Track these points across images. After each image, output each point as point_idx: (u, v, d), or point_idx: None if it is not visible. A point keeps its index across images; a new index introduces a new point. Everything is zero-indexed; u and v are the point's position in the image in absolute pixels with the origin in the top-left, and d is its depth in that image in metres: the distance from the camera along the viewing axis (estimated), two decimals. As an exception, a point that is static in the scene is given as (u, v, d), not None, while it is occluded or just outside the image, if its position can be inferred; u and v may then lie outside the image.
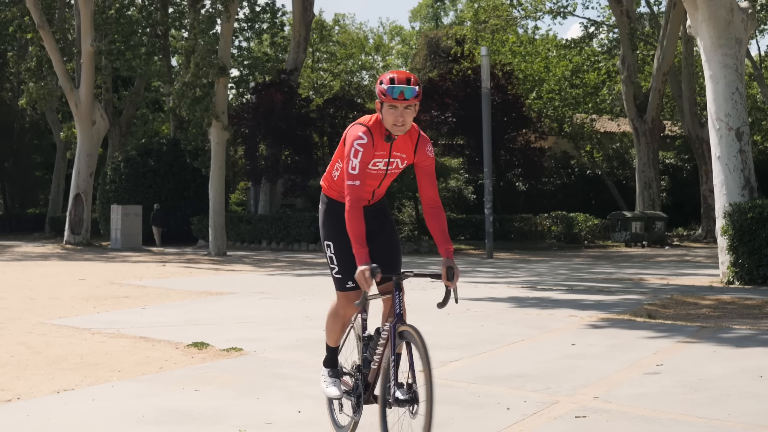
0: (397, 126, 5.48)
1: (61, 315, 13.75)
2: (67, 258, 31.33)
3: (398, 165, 5.76)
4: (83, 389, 8.07)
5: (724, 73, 19.63)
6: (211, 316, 13.56)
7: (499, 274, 22.71)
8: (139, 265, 27.24)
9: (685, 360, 9.33)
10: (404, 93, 5.37)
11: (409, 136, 5.68)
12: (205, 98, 33.15)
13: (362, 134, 5.54)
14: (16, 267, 26.36)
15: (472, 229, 40.38)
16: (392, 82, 5.41)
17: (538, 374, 8.58)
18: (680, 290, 17.42)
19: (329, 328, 6.13)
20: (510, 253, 33.73)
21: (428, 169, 5.76)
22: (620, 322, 12.38)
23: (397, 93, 5.38)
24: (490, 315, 13.32)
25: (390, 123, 5.48)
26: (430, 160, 5.75)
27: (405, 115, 5.45)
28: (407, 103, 5.42)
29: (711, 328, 11.78)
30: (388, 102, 5.42)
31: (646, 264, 26.77)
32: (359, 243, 5.41)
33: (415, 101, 5.44)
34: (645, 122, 41.53)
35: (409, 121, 5.51)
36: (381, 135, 5.58)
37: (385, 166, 5.71)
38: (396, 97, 5.38)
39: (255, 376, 8.60)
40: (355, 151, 5.50)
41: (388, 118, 5.47)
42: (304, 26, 40.11)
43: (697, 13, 19.81)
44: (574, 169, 52.94)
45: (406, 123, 5.49)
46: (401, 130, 5.52)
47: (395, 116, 5.44)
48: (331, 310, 6.08)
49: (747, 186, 19.31)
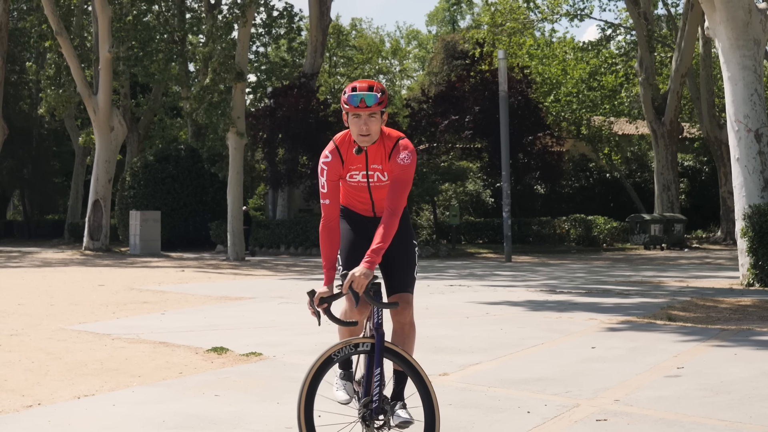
0: (362, 136, 5.43)
1: (80, 321, 13.79)
2: (87, 264, 31.43)
3: (380, 177, 5.67)
4: (103, 395, 8.09)
5: (742, 74, 19.57)
6: (230, 321, 13.58)
7: (518, 278, 22.69)
8: (158, 270, 27.30)
9: (706, 363, 9.29)
10: (365, 100, 5.31)
11: (383, 145, 5.59)
12: (222, 103, 33.22)
13: (328, 153, 5.58)
14: (36, 273, 26.44)
15: (491, 233, 40.34)
16: (354, 90, 5.37)
17: (558, 377, 8.56)
18: (700, 293, 17.36)
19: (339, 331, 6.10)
20: (528, 257, 33.68)
21: (396, 177, 5.57)
22: (640, 325, 12.35)
23: (358, 101, 5.33)
24: (510, 318, 13.31)
25: (355, 133, 5.44)
26: (399, 168, 5.55)
27: (369, 124, 5.40)
28: (369, 111, 5.35)
29: (731, 330, 11.73)
30: (351, 111, 5.38)
31: (666, 266, 26.69)
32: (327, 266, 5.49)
33: (377, 108, 5.36)
34: (663, 124, 41.43)
35: (375, 129, 5.44)
36: (350, 148, 5.56)
37: (363, 178, 5.66)
38: (357, 105, 5.33)
39: (275, 381, 8.60)
40: (321, 169, 5.56)
41: (353, 128, 5.44)
42: (321, 31, 40.16)
43: (715, 15, 19.76)
44: (592, 172, 52.82)
45: (372, 132, 5.43)
46: (367, 140, 5.47)
47: (359, 125, 5.40)
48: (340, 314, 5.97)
49: (767, 188, 19.23)
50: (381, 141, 5.56)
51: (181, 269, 27.75)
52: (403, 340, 5.72)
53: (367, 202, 5.85)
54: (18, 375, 9.14)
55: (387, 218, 5.49)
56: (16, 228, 62.60)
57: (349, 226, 5.90)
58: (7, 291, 19.74)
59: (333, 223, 5.54)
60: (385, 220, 5.49)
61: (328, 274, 5.44)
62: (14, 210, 70.81)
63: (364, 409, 5.38)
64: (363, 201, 5.85)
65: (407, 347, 5.74)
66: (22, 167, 60.30)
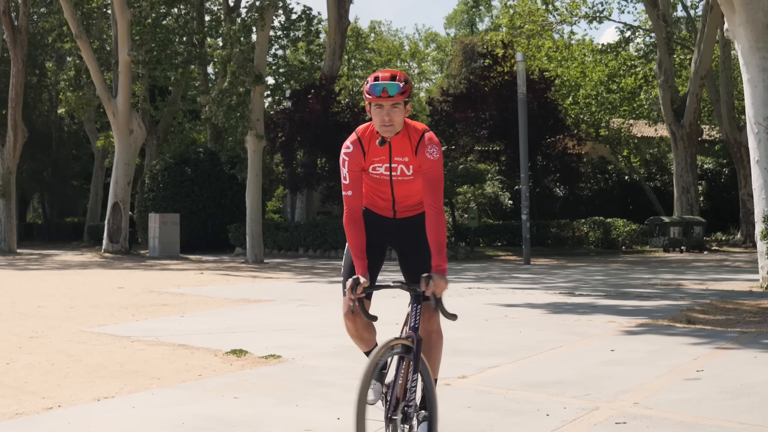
0: (385, 126, 5.33)
1: (100, 323, 13.84)
2: (106, 266, 31.54)
3: (404, 171, 5.58)
4: (123, 397, 8.12)
5: (762, 76, 19.50)
6: (249, 324, 13.61)
7: (537, 280, 22.67)
8: (177, 272, 27.38)
9: (726, 366, 9.27)
10: (387, 90, 5.21)
11: (409, 137, 5.49)
12: (240, 106, 33.29)
13: (350, 143, 5.51)
14: (56, 275, 26.56)
15: (509, 235, 40.28)
16: (376, 80, 5.27)
17: (577, 380, 8.56)
18: (719, 295, 17.32)
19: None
20: (547, 259, 33.65)
21: (429, 172, 5.47)
22: (659, 328, 12.32)
23: (380, 90, 5.23)
24: (528, 321, 13.30)
25: (378, 124, 5.35)
26: (430, 163, 5.46)
27: (392, 114, 5.29)
28: (392, 101, 5.25)
29: (751, 333, 11.70)
30: (374, 101, 5.27)
31: (685, 269, 26.62)
32: (357, 255, 5.37)
33: (400, 98, 5.25)
34: (682, 126, 41.34)
35: (398, 120, 5.33)
36: (373, 140, 5.47)
37: (386, 171, 5.57)
38: (379, 94, 5.23)
39: (294, 383, 8.62)
40: (343, 160, 5.51)
41: (376, 118, 5.34)
42: (339, 34, 40.21)
43: (735, 17, 19.71)
44: (611, 175, 52.74)
45: (395, 122, 5.32)
46: (390, 131, 5.36)
47: (382, 116, 5.30)
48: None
49: (787, 190, 19.17)
50: (405, 133, 5.47)
51: (200, 272, 27.83)
52: (430, 348, 5.62)
53: (389, 199, 5.77)
54: (38, 377, 9.19)
55: (434, 219, 5.45)
56: (36, 230, 62.91)
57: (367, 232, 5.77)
58: (27, 293, 19.84)
59: (356, 214, 5.48)
60: (434, 222, 5.44)
61: (361, 264, 5.36)
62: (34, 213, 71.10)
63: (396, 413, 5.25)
64: (384, 197, 5.78)
65: (434, 354, 5.68)
66: (41, 170, 60.61)
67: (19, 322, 14.18)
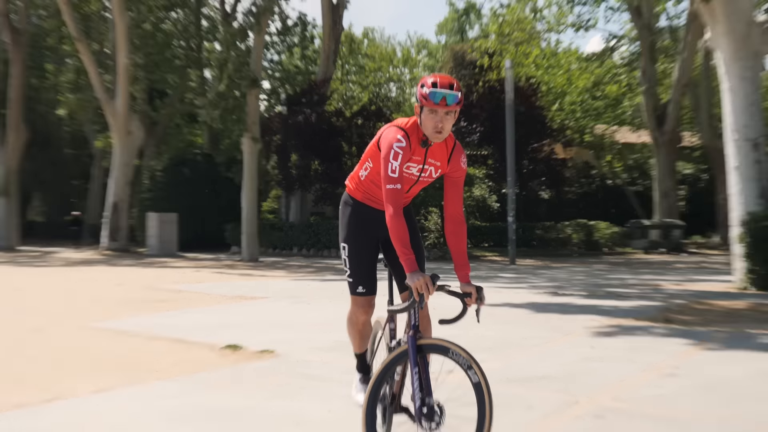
0: (436, 132, 5.15)
1: (100, 318, 13.85)
2: (106, 264, 31.50)
3: (432, 173, 5.47)
4: (122, 389, 8.15)
5: (742, 85, 19.62)
6: (244, 320, 13.63)
7: (522, 280, 22.72)
8: (175, 270, 27.38)
9: (701, 363, 9.34)
10: (446, 99, 5.04)
11: (445, 143, 5.38)
12: (236, 109, 33.29)
13: (401, 137, 5.20)
14: (57, 272, 26.54)
15: (496, 237, 40.32)
16: (434, 86, 5.06)
17: (558, 376, 8.62)
18: (697, 296, 17.39)
19: (349, 334, 6.03)
20: (532, 260, 33.70)
21: (458, 181, 5.44)
22: (638, 327, 12.39)
23: (439, 98, 5.04)
24: (513, 319, 13.36)
25: (430, 129, 5.16)
26: (462, 171, 5.44)
27: (445, 122, 5.12)
28: (448, 109, 5.09)
29: (726, 332, 11.78)
30: (429, 106, 5.08)
31: (664, 270, 26.70)
32: (407, 248, 5.07)
33: (456, 107, 5.10)
34: (664, 133, 41.46)
35: (448, 128, 5.18)
36: (418, 139, 5.28)
37: (418, 172, 5.42)
38: (438, 102, 5.04)
39: (287, 377, 8.66)
40: (395, 153, 5.16)
41: (428, 123, 5.14)
42: (333, 40, 40.22)
43: (717, 27, 19.82)
44: (594, 179, 52.88)
45: (446, 129, 5.16)
46: (440, 137, 5.19)
47: (435, 122, 5.12)
48: (348, 317, 5.95)
49: (763, 195, 19.28)
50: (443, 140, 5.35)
51: (198, 269, 27.83)
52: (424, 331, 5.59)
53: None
54: (40, 370, 9.22)
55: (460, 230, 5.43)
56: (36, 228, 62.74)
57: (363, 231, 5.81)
58: (30, 290, 19.84)
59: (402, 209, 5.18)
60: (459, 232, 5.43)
61: (412, 257, 5.10)
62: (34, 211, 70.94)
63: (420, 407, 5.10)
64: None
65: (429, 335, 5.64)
66: (41, 169, 60.46)
67: (21, 316, 14.21)
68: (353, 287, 5.75)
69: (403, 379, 5.46)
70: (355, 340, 6.04)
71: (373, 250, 5.80)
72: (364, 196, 5.81)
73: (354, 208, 5.83)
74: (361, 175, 5.76)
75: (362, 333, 5.95)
